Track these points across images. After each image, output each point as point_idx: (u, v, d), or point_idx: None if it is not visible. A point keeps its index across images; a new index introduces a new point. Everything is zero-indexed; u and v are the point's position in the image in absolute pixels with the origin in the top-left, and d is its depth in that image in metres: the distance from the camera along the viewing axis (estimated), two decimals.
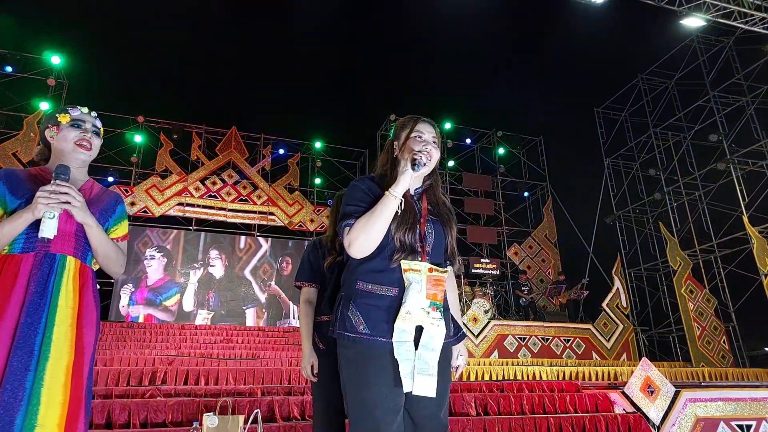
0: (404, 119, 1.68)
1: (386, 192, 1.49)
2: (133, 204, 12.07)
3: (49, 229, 1.42)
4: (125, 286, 11.49)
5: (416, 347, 1.45)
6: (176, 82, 15.74)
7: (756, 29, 9.67)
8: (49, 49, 11.42)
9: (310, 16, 14.42)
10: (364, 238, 1.47)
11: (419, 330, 1.47)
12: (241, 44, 16.88)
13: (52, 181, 1.46)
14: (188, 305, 12.04)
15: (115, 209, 1.72)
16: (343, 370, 1.50)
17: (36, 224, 1.47)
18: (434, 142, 1.62)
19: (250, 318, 12.36)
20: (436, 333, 1.46)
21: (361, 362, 1.45)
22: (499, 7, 13.86)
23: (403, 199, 1.53)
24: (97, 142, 1.67)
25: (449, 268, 1.65)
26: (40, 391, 1.32)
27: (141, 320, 11.22)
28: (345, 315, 1.50)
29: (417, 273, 1.48)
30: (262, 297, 12.71)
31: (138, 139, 12.95)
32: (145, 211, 12.34)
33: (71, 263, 1.52)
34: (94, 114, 1.70)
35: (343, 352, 1.50)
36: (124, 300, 11.35)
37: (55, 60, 11.40)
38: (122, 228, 1.75)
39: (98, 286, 1.69)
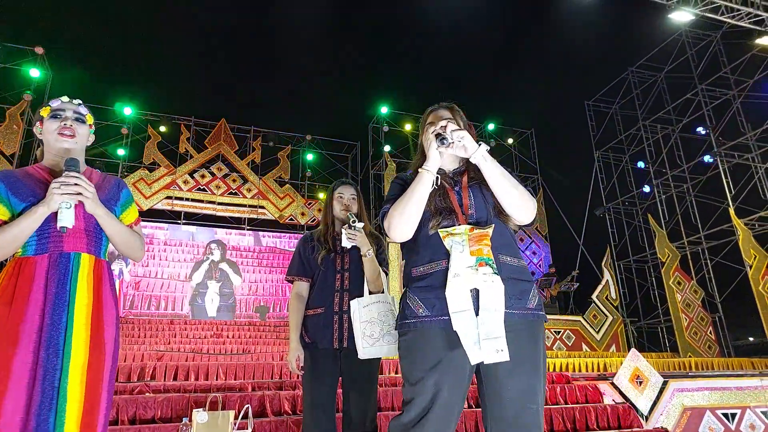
0: (425, 113, 1.68)
1: (419, 169, 1.47)
2: None
3: (67, 219, 1.44)
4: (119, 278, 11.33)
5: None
6: (164, 74, 15.52)
7: (742, 24, 9.73)
8: (32, 39, 11.16)
9: (302, 8, 14.27)
10: (399, 216, 1.45)
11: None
12: (230, 35, 16.68)
13: (63, 173, 1.47)
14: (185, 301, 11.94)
15: (120, 195, 1.68)
16: (401, 360, 1.47)
17: (47, 225, 1.48)
18: (450, 120, 1.51)
19: (238, 312, 12.29)
20: (493, 291, 1.32)
21: (412, 346, 1.41)
22: (489, 1, 13.82)
23: (438, 176, 1.51)
24: (82, 130, 1.62)
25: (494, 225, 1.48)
26: (66, 388, 1.37)
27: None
28: (404, 305, 1.47)
29: (457, 236, 1.41)
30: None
31: (124, 131, 12.75)
32: None
33: (86, 260, 1.52)
34: (77, 101, 1.65)
35: (400, 342, 1.47)
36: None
37: (39, 50, 11.14)
38: (132, 213, 1.72)
39: None
